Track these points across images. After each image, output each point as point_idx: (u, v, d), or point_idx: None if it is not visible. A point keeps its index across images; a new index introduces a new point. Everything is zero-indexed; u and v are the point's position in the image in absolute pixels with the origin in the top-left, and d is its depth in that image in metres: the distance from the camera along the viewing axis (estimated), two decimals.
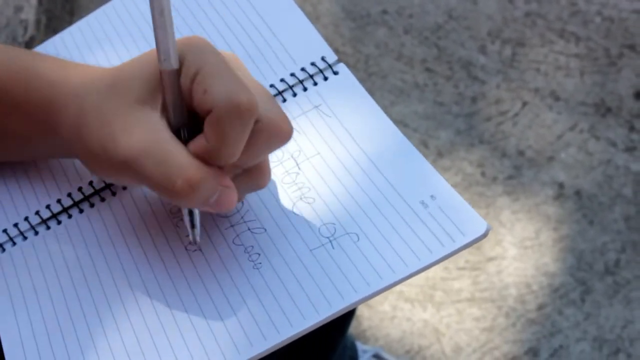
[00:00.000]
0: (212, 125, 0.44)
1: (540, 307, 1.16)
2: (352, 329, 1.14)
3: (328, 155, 0.53)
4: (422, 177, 0.50)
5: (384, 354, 1.08)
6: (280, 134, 0.46)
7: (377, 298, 1.17)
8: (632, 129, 1.31)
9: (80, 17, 0.65)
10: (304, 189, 0.51)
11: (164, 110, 0.46)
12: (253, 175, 0.48)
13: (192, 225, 0.49)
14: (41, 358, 0.49)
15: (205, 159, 0.45)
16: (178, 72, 0.45)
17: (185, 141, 0.46)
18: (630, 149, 1.29)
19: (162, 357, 0.47)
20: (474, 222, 0.47)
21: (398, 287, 1.18)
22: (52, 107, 0.49)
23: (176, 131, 0.46)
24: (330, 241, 0.49)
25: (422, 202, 0.49)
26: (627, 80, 1.35)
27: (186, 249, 0.51)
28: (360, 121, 0.54)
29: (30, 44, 1.16)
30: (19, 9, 1.20)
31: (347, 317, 0.87)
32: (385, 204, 0.49)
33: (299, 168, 0.52)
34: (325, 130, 0.54)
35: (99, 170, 0.48)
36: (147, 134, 0.45)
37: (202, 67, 0.44)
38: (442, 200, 0.48)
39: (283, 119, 0.46)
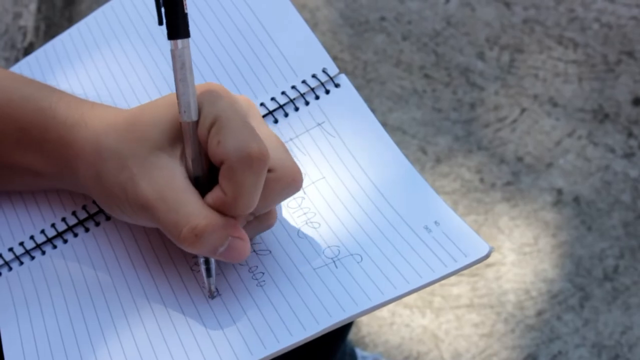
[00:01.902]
0: (226, 176, 0.45)
1: (539, 313, 1.16)
2: (352, 335, 1.14)
3: (333, 179, 0.53)
4: (427, 204, 0.50)
5: None
6: (293, 183, 0.47)
7: None
8: (630, 135, 1.31)
9: None
10: (309, 213, 0.52)
11: (183, 159, 0.47)
12: (263, 220, 0.49)
13: (208, 275, 0.49)
14: None
15: (224, 210, 0.46)
16: (197, 123, 0.46)
17: (204, 191, 0.46)
18: (628, 155, 1.29)
19: None
20: (477, 244, 0.48)
21: None
22: (69, 149, 0.50)
23: (195, 180, 0.47)
24: (334, 261, 0.49)
25: (426, 228, 0.49)
26: (625, 87, 1.36)
27: (191, 269, 0.51)
28: (365, 144, 0.54)
29: (29, 51, 1.16)
30: (17, 16, 1.20)
31: (347, 324, 0.87)
32: (390, 230, 0.50)
33: (304, 192, 0.52)
34: (329, 152, 0.54)
35: (116, 210, 0.49)
36: (164, 179, 0.46)
37: (218, 118, 0.45)
38: (446, 226, 0.49)
39: (295, 168, 0.48)
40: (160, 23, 0.45)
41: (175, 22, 0.45)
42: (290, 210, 0.52)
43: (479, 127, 1.33)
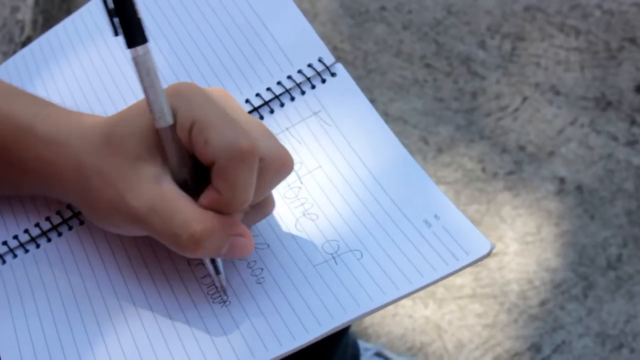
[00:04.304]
0: (219, 176, 0.44)
1: (542, 303, 1.16)
2: (354, 326, 1.14)
3: (330, 168, 0.52)
4: (427, 197, 0.50)
5: (386, 352, 1.08)
6: (284, 168, 0.47)
7: None
8: (633, 122, 1.30)
9: None
10: (306, 204, 0.51)
11: (166, 165, 0.46)
12: (260, 208, 0.48)
13: (217, 272, 0.48)
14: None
15: (221, 209, 0.45)
16: (174, 126, 0.45)
17: (193, 191, 0.46)
18: (631, 143, 1.28)
19: None
20: (478, 241, 0.47)
21: None
22: (50, 168, 0.49)
23: (183, 183, 0.46)
24: (334, 257, 0.49)
25: (426, 222, 0.48)
26: (628, 74, 1.35)
27: (189, 263, 0.50)
28: (362, 133, 0.53)
29: (26, 44, 1.15)
30: (15, 9, 1.19)
31: None
32: (389, 223, 0.49)
33: (301, 182, 0.52)
34: (326, 141, 0.53)
35: (109, 225, 0.49)
36: (152, 191, 0.45)
37: (197, 118, 0.44)
38: (446, 220, 0.48)
39: (284, 153, 0.47)
40: (116, 34, 0.43)
41: (131, 30, 0.43)
42: (288, 200, 0.51)
43: (481, 117, 1.32)
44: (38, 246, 0.54)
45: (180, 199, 0.45)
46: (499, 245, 1.21)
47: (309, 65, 0.56)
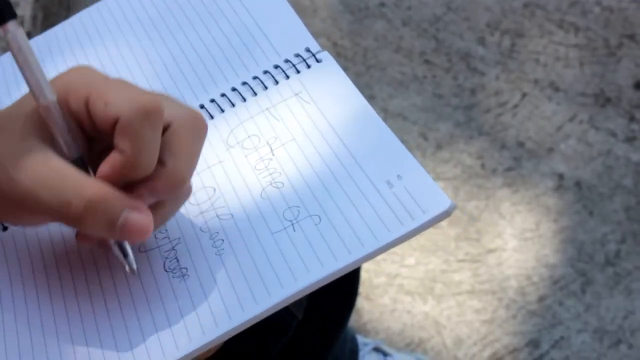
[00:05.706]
0: (122, 132, 0.43)
1: (541, 299, 1.16)
2: (353, 322, 1.14)
3: (302, 140, 0.52)
4: (391, 157, 0.50)
5: (385, 347, 1.08)
6: (197, 127, 0.45)
7: (378, 291, 1.17)
8: (632, 119, 1.30)
9: (77, 13, 0.66)
10: (275, 174, 0.51)
11: (55, 144, 0.44)
12: (180, 195, 0.47)
13: (124, 255, 0.46)
14: None
15: (125, 172, 0.44)
16: (63, 103, 0.44)
17: (86, 170, 0.45)
18: (630, 139, 1.29)
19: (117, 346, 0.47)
20: (438, 199, 0.47)
21: (398, 280, 1.18)
22: None
23: (76, 162, 0.45)
24: (293, 224, 0.49)
25: (388, 182, 0.48)
26: (627, 71, 1.35)
27: (155, 237, 0.50)
28: (336, 103, 0.53)
29: None
30: (15, 5, 1.20)
31: (347, 310, 0.87)
32: (351, 184, 0.49)
33: (273, 154, 0.52)
34: (302, 117, 0.54)
35: (2, 214, 0.46)
36: (39, 163, 0.43)
37: (92, 87, 0.43)
38: (409, 179, 0.48)
39: (194, 112, 0.46)
40: None
41: None
42: (257, 172, 0.52)
43: (480, 113, 1.32)
44: None
45: (70, 169, 0.43)
46: (498, 241, 1.21)
47: (296, 55, 0.56)
